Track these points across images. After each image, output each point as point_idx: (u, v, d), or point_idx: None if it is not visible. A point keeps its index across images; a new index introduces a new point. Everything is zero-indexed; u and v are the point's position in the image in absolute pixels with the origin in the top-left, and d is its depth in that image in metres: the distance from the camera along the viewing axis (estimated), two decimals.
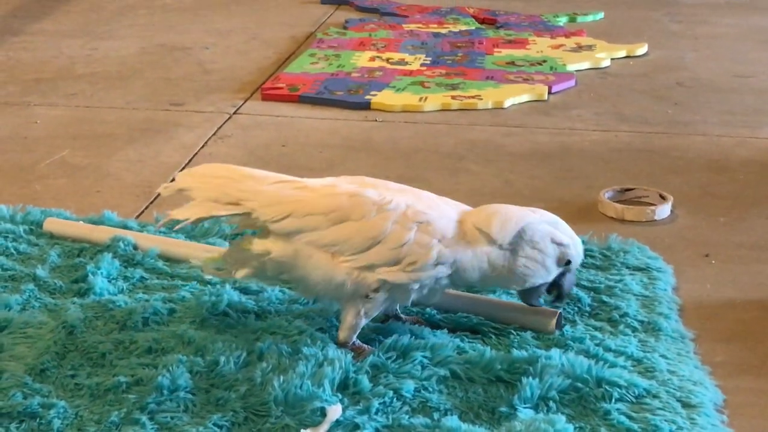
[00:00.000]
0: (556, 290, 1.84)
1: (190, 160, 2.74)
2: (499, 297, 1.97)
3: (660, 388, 1.69)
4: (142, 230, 2.25)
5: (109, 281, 2.03)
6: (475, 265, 1.77)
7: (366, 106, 3.14)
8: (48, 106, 3.16)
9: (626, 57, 3.69)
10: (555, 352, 1.74)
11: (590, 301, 1.97)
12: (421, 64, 3.53)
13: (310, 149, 2.83)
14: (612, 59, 3.64)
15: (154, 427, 1.59)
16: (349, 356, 1.73)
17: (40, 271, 2.06)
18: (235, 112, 3.12)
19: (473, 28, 4.05)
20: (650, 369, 1.75)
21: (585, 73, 3.50)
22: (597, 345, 1.81)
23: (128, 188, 2.56)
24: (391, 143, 2.87)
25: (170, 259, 2.13)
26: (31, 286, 2.01)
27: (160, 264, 2.11)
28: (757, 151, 2.82)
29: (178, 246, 2.16)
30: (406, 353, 1.76)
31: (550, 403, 1.65)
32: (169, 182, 1.85)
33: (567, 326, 1.88)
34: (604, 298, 1.98)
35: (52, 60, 3.65)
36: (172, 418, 1.61)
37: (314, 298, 1.92)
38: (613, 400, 1.65)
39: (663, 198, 2.44)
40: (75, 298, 1.97)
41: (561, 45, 3.77)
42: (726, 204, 2.48)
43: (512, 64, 3.53)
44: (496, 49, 3.71)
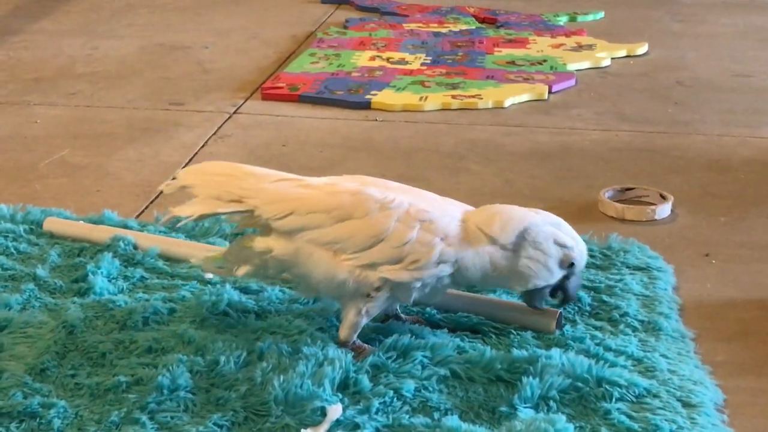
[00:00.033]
0: (562, 293, 1.84)
1: (190, 160, 2.73)
2: (499, 297, 1.97)
3: (660, 387, 1.69)
4: (143, 230, 2.25)
5: (109, 281, 2.03)
6: (477, 265, 1.77)
7: (366, 106, 3.14)
8: (48, 106, 3.16)
9: (626, 56, 3.69)
10: (555, 352, 1.74)
11: (590, 301, 1.97)
12: (422, 64, 3.53)
13: (311, 149, 2.83)
14: (612, 59, 3.64)
15: (155, 427, 1.59)
16: (349, 356, 1.73)
17: (41, 271, 2.06)
18: (235, 112, 3.11)
19: (473, 28, 4.04)
20: (650, 368, 1.75)
21: (585, 73, 3.50)
22: (597, 344, 1.80)
23: (128, 188, 2.56)
24: (392, 143, 2.87)
25: (170, 259, 2.13)
26: (31, 285, 2.01)
27: (161, 263, 2.11)
28: (757, 151, 2.82)
29: (179, 246, 2.16)
30: (407, 353, 1.76)
31: (551, 403, 1.65)
32: (171, 180, 1.84)
33: (567, 326, 1.88)
34: (605, 298, 1.97)
35: (52, 59, 3.65)
36: (173, 418, 1.61)
37: (315, 297, 1.92)
38: (614, 400, 1.65)
39: (663, 197, 2.43)
40: (75, 298, 1.97)
41: (561, 44, 3.77)
42: (726, 203, 2.48)
43: (512, 63, 3.53)
44: (496, 49, 3.71)
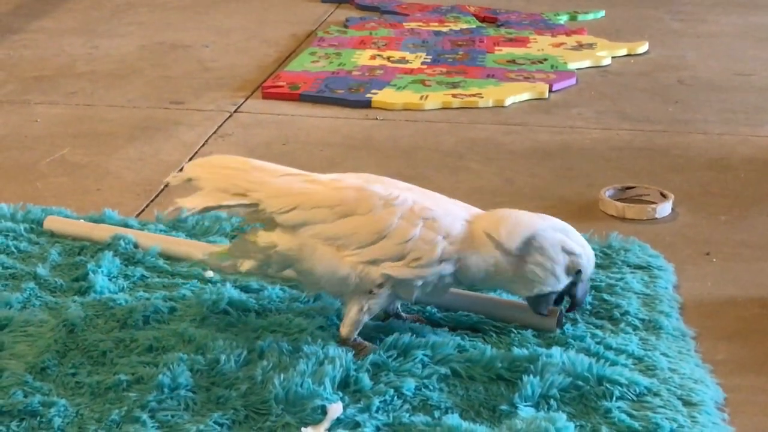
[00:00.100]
0: (570, 300, 1.84)
1: (191, 159, 2.73)
2: (500, 295, 1.97)
3: (661, 386, 1.69)
4: (143, 228, 2.24)
5: (110, 279, 2.03)
6: (481, 267, 1.77)
7: (367, 105, 3.14)
8: (48, 105, 3.16)
9: (627, 55, 3.69)
10: (556, 351, 1.74)
11: (591, 300, 1.97)
12: (422, 63, 3.53)
13: (311, 148, 2.83)
14: (613, 57, 3.63)
15: (155, 426, 1.59)
16: (349, 354, 1.73)
17: (41, 270, 2.06)
18: (235, 111, 3.11)
19: (474, 27, 4.04)
20: (651, 367, 1.74)
21: (586, 72, 3.49)
22: (598, 343, 1.80)
23: (129, 186, 2.56)
24: (392, 141, 2.87)
25: (171, 258, 2.13)
26: (31, 284, 2.01)
27: (161, 262, 2.11)
28: (758, 150, 2.82)
29: (179, 244, 2.16)
30: (407, 351, 1.76)
31: (551, 402, 1.65)
32: (177, 171, 1.84)
33: (568, 324, 1.88)
34: (605, 297, 1.97)
35: (52, 58, 3.65)
36: (173, 417, 1.61)
37: (318, 294, 1.92)
38: (614, 399, 1.65)
39: (664, 196, 2.43)
40: (75, 297, 1.97)
41: (562, 43, 3.77)
42: (727, 202, 2.48)
43: (513, 62, 3.53)
44: (496, 48, 3.70)
